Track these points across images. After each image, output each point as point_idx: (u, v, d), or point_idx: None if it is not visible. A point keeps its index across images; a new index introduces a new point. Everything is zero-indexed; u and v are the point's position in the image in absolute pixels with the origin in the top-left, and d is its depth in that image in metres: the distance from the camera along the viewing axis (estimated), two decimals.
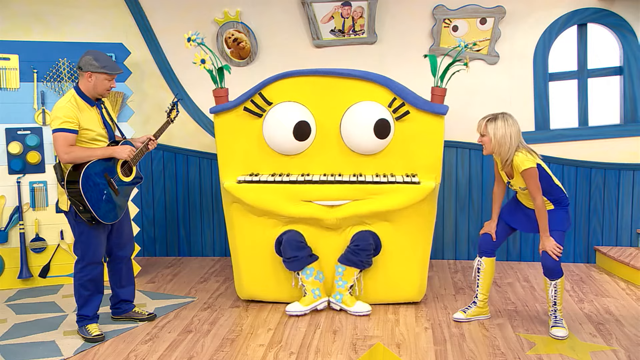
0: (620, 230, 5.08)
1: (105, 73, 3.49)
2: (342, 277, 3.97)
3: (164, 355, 3.40)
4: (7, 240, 4.62)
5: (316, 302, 3.97)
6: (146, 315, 3.91)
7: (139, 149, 3.67)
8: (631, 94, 4.96)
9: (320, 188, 3.92)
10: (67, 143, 3.37)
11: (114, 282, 3.86)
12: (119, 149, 3.54)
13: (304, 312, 3.93)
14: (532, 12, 4.95)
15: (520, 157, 3.46)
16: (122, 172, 3.64)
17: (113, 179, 3.56)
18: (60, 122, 3.37)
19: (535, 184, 3.45)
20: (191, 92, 5.28)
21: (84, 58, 3.48)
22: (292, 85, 3.98)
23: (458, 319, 3.80)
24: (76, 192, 3.36)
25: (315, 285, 3.98)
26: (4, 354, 3.41)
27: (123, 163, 3.65)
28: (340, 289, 3.98)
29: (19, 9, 5.06)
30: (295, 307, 3.95)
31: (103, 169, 3.51)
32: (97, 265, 3.61)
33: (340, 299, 3.97)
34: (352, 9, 4.97)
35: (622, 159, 4.99)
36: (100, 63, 3.47)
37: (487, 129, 3.51)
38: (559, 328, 3.55)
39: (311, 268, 3.97)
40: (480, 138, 3.58)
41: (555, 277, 3.55)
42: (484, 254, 3.76)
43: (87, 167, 3.40)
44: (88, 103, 3.53)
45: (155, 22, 5.22)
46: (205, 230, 5.48)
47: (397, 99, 3.91)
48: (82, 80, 3.51)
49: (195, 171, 5.40)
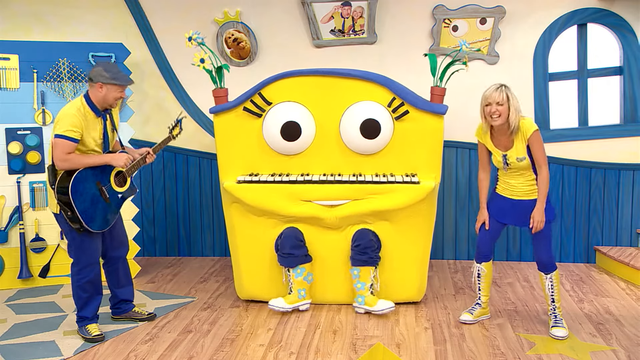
0: (620, 230, 5.08)
1: (115, 84, 3.50)
2: (359, 279, 3.95)
3: (164, 355, 3.40)
4: (7, 240, 4.62)
5: (300, 302, 3.98)
6: (146, 315, 3.91)
7: (136, 161, 3.68)
8: (631, 94, 4.96)
9: (320, 188, 3.92)
10: (66, 151, 3.37)
11: (112, 283, 3.86)
12: (116, 156, 3.54)
13: (286, 309, 3.93)
14: (532, 12, 4.95)
15: (527, 120, 3.48)
16: (116, 182, 3.64)
17: (105, 188, 3.55)
18: (65, 129, 3.37)
19: (543, 147, 3.48)
20: (191, 92, 5.28)
21: (95, 69, 3.51)
22: (292, 85, 3.99)
23: (466, 321, 3.77)
24: (66, 197, 3.36)
25: (302, 285, 3.98)
26: (4, 354, 3.41)
27: (117, 173, 3.64)
28: (360, 291, 3.95)
29: (19, 9, 5.07)
30: (278, 303, 3.94)
31: (95, 177, 3.51)
32: (94, 266, 3.60)
33: (363, 301, 3.94)
34: (352, 9, 4.97)
35: (622, 159, 4.99)
36: (111, 74, 3.49)
37: (506, 97, 3.45)
38: (559, 328, 3.55)
39: (302, 268, 3.97)
40: (495, 107, 3.44)
41: (550, 270, 3.58)
42: (482, 260, 3.76)
43: (79, 172, 3.40)
44: (95, 113, 3.54)
45: (155, 22, 5.22)
46: (205, 230, 5.48)
47: (397, 98, 3.92)
48: (93, 90, 3.52)
49: (195, 171, 5.40)
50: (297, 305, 3.98)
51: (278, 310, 3.94)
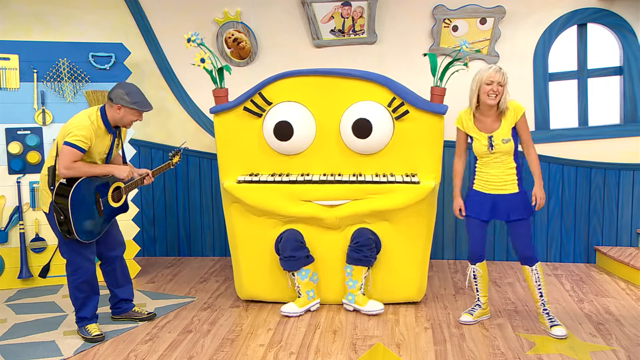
0: (620, 230, 5.08)
1: (135, 109, 3.50)
2: (351, 277, 3.96)
3: (164, 355, 3.40)
4: (7, 240, 4.62)
5: (310, 303, 4.00)
6: (146, 315, 3.91)
7: (134, 180, 3.68)
8: (631, 94, 4.96)
9: (320, 188, 3.92)
10: (72, 159, 3.36)
11: (110, 283, 3.85)
12: (120, 167, 3.54)
13: (299, 313, 3.94)
14: (532, 12, 4.95)
15: (515, 101, 3.55)
16: (113, 196, 3.63)
17: (102, 201, 3.55)
18: (77, 138, 3.36)
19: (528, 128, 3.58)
20: (191, 92, 5.28)
21: (116, 91, 3.47)
22: (293, 85, 3.99)
23: (466, 322, 3.77)
24: (64, 202, 3.35)
25: (309, 286, 3.99)
26: (4, 354, 3.41)
27: (115, 188, 3.64)
28: (351, 289, 3.97)
29: (19, 9, 5.07)
30: (290, 308, 3.95)
31: (96, 188, 3.50)
32: (88, 267, 3.58)
33: (353, 300, 3.97)
34: (352, 9, 4.97)
35: (622, 159, 4.99)
36: (132, 99, 3.46)
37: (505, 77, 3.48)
38: (558, 327, 3.55)
39: (307, 270, 3.98)
40: (496, 87, 3.46)
41: (534, 262, 3.62)
42: (477, 261, 3.76)
43: (82, 180, 3.40)
44: (107, 129, 3.53)
45: (155, 22, 5.22)
46: (205, 230, 5.48)
47: (397, 98, 3.92)
48: (110, 110, 3.49)
49: (195, 171, 5.40)
50: (309, 307, 3.99)
51: (292, 316, 3.93)
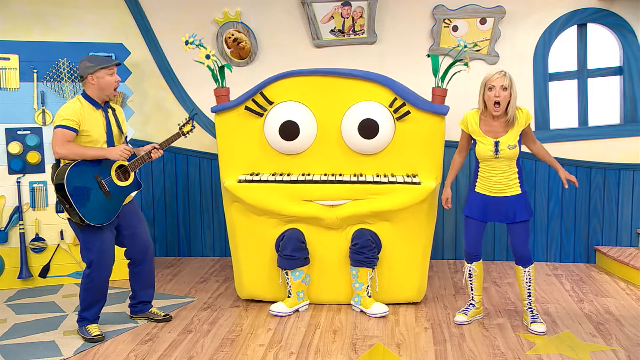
0: (620, 230, 5.08)
1: (103, 68, 3.52)
2: (357, 279, 3.97)
3: (164, 355, 3.40)
4: (7, 240, 4.61)
5: (299, 304, 4.01)
6: (162, 317, 3.92)
7: (140, 156, 3.67)
8: (631, 94, 4.96)
9: (320, 188, 3.92)
10: (64, 139, 3.39)
11: (135, 284, 3.87)
12: (112, 149, 3.53)
13: (288, 313, 3.95)
14: (532, 12, 4.95)
15: (524, 108, 3.55)
16: (117, 175, 3.62)
17: (105, 181, 3.54)
18: (61, 119, 3.42)
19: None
20: (191, 92, 5.27)
21: (80, 66, 3.54)
22: (294, 85, 3.99)
23: (461, 322, 3.78)
24: (62, 189, 3.37)
25: (300, 287, 4.00)
26: (4, 354, 3.41)
27: (120, 166, 3.63)
28: (358, 291, 3.99)
29: (19, 9, 5.06)
30: (279, 308, 3.96)
31: (93, 170, 3.50)
32: (103, 271, 3.58)
33: (359, 301, 3.98)
34: (352, 9, 4.97)
35: (622, 159, 4.99)
36: (95, 62, 3.52)
37: (510, 82, 3.45)
38: (538, 324, 3.61)
39: (301, 270, 3.98)
40: (500, 92, 3.43)
41: (529, 263, 3.64)
42: (473, 260, 3.76)
43: (75, 165, 3.40)
44: (93, 106, 3.54)
45: (155, 22, 5.22)
46: (205, 230, 5.48)
47: (398, 99, 3.92)
48: (87, 86, 3.54)
49: (195, 171, 5.40)
50: (297, 308, 4.01)
51: (280, 316, 3.94)
